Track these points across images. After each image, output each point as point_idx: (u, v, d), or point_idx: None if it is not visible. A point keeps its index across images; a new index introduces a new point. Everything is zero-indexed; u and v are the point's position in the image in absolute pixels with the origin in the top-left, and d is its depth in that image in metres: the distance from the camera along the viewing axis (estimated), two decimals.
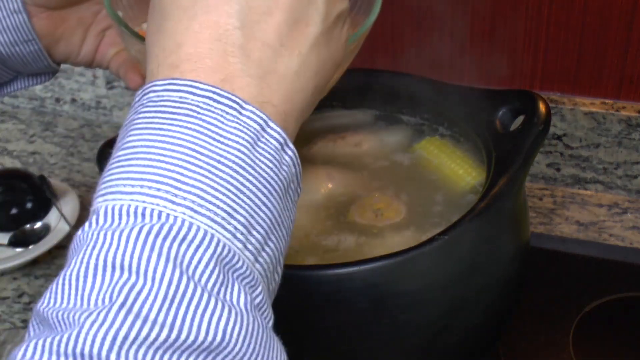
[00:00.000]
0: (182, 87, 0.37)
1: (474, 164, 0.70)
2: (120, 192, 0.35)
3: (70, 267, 0.34)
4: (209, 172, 0.35)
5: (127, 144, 0.37)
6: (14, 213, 0.94)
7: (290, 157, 0.39)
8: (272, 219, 0.37)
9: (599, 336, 0.74)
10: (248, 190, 0.36)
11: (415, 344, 0.60)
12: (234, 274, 0.35)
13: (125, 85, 1.14)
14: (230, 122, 0.36)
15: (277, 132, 0.38)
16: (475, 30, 0.91)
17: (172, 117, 0.36)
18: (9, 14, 0.56)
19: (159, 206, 0.34)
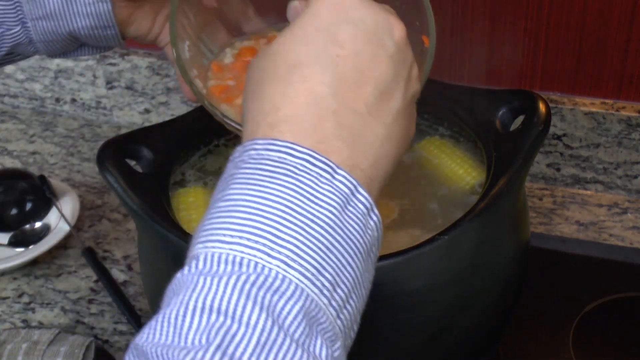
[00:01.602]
0: (281, 147, 0.40)
1: (474, 164, 0.70)
2: (220, 240, 0.38)
3: (170, 307, 0.36)
4: (302, 229, 0.38)
5: (228, 196, 0.39)
6: (14, 213, 0.94)
7: (375, 222, 0.41)
8: (355, 279, 0.40)
9: (599, 336, 0.74)
10: (336, 249, 0.39)
11: (415, 344, 0.60)
12: (317, 327, 0.37)
13: (125, 85, 1.14)
14: (324, 184, 0.39)
15: (365, 198, 0.41)
16: (475, 30, 0.91)
17: (271, 175, 0.39)
18: (94, 1, 0.60)
19: (256, 257, 0.37)
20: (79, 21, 0.61)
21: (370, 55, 0.43)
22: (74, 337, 0.75)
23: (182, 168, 0.73)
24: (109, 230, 0.95)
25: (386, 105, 0.44)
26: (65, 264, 0.90)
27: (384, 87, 0.44)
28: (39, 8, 0.60)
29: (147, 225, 0.62)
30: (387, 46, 0.44)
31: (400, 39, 0.45)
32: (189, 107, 1.10)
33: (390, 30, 0.45)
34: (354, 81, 0.43)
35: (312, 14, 0.44)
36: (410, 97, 0.46)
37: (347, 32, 0.43)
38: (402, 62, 0.45)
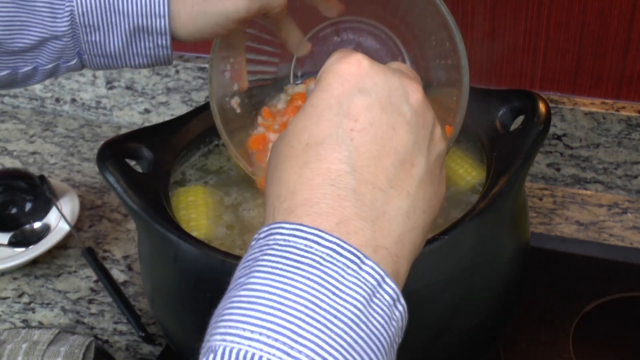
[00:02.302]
0: (308, 235, 0.38)
1: (474, 163, 0.70)
2: (239, 335, 0.36)
3: None
4: (325, 326, 0.36)
5: (250, 285, 0.38)
6: (14, 213, 0.94)
7: (400, 312, 0.40)
8: None
9: (599, 336, 0.74)
10: (359, 346, 0.37)
11: (415, 343, 0.60)
12: None
13: (125, 85, 1.14)
14: (351, 276, 0.38)
15: (392, 288, 0.39)
16: (475, 30, 0.91)
17: (296, 266, 0.37)
18: (155, 46, 0.61)
19: (275, 357, 0.35)
20: (136, 60, 0.62)
21: (387, 125, 0.42)
22: (74, 337, 0.75)
23: (183, 167, 0.73)
24: (109, 230, 0.95)
25: (408, 174, 0.42)
26: (65, 264, 0.90)
27: (405, 155, 0.42)
28: (99, 49, 0.61)
29: (147, 225, 0.62)
30: (403, 112, 0.42)
31: (417, 101, 0.43)
32: (189, 107, 1.10)
33: (405, 95, 0.43)
34: (372, 154, 0.41)
35: (322, 89, 0.43)
36: (434, 159, 0.44)
37: (359, 104, 0.42)
38: (422, 126, 0.43)
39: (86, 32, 0.60)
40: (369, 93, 0.42)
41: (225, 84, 0.68)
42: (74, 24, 0.59)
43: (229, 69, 0.67)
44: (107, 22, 0.59)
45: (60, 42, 0.60)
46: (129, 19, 0.59)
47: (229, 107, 0.68)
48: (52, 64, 0.61)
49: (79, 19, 0.59)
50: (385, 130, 0.41)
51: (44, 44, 0.60)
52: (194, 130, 0.74)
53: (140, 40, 0.60)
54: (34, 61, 0.61)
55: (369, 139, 0.41)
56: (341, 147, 0.41)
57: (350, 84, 0.42)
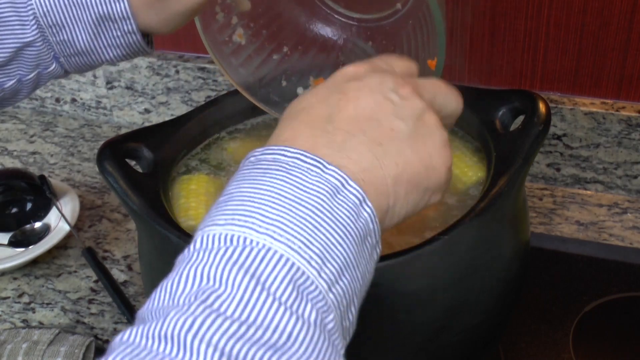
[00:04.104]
0: (275, 150, 0.45)
1: (469, 162, 0.70)
2: (215, 224, 0.42)
3: (168, 278, 0.40)
4: (290, 210, 0.42)
5: (225, 193, 0.44)
6: (14, 213, 0.94)
7: (369, 214, 0.44)
8: (347, 258, 0.42)
9: (599, 336, 0.74)
10: (324, 228, 0.42)
11: (415, 343, 0.60)
12: (308, 295, 0.40)
13: (125, 85, 1.14)
14: (314, 176, 0.43)
15: (356, 190, 0.44)
16: (475, 30, 0.91)
17: (264, 172, 0.44)
18: (123, 34, 0.62)
19: (245, 233, 0.41)
20: (110, 53, 0.63)
21: (372, 101, 0.48)
22: (74, 337, 0.75)
23: (185, 160, 0.73)
24: (109, 230, 0.95)
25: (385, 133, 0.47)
26: (65, 264, 0.90)
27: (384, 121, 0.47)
28: (69, 47, 0.62)
29: (147, 225, 0.62)
30: (390, 97, 0.48)
31: (405, 92, 0.49)
32: (189, 107, 1.10)
33: (394, 88, 0.49)
34: (351, 115, 0.47)
35: (328, 80, 0.50)
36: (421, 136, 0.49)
37: (351, 85, 0.49)
38: (409, 107, 0.49)
39: (53, 33, 0.61)
40: (361, 79, 0.49)
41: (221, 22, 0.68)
42: (40, 27, 0.60)
43: (219, 10, 0.68)
44: (70, 17, 0.60)
45: (34, 49, 0.61)
46: (89, 9, 0.60)
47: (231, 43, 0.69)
48: (33, 72, 0.63)
49: (43, 20, 0.60)
50: (369, 103, 0.48)
51: (20, 54, 0.61)
52: (194, 130, 0.74)
53: (106, 30, 0.61)
54: (16, 73, 0.62)
55: (353, 106, 0.48)
56: (326, 108, 0.48)
57: (348, 76, 0.50)
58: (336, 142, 0.46)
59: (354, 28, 0.74)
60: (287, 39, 0.73)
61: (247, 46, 0.71)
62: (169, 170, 0.70)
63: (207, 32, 0.68)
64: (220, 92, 1.07)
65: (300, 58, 0.74)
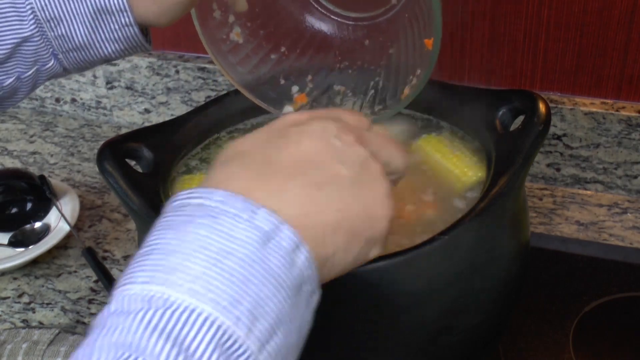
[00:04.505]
0: (202, 194, 0.41)
1: (469, 162, 0.70)
2: (133, 282, 0.38)
3: (81, 348, 0.37)
4: (215, 264, 0.38)
5: (146, 244, 0.40)
6: (14, 213, 0.94)
7: (303, 261, 0.41)
8: (280, 313, 0.39)
9: (599, 336, 0.74)
10: (255, 280, 0.38)
11: (415, 343, 0.60)
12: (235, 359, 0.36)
13: (125, 85, 1.14)
14: (242, 223, 0.39)
15: (289, 235, 0.40)
16: (475, 30, 0.91)
17: (188, 220, 0.40)
18: (120, 27, 0.61)
19: (165, 294, 0.37)
20: (108, 47, 0.63)
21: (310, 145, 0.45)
22: (74, 337, 0.75)
23: (185, 160, 0.73)
24: (109, 230, 0.95)
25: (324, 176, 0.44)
26: (65, 264, 0.90)
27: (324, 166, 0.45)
28: (67, 42, 0.62)
29: (147, 225, 0.61)
30: (331, 142, 0.46)
31: (348, 139, 0.47)
32: (189, 107, 1.10)
33: (338, 135, 0.47)
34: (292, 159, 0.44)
35: (267, 125, 0.48)
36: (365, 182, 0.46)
37: (293, 130, 0.46)
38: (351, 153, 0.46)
39: (51, 27, 0.60)
40: (303, 126, 0.47)
41: (218, 20, 0.68)
42: (38, 21, 0.60)
43: (215, 7, 0.68)
44: (67, 10, 0.60)
45: (32, 44, 0.61)
46: (86, 2, 0.60)
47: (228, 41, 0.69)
48: (31, 69, 0.62)
49: (41, 14, 0.60)
50: (311, 147, 0.45)
51: (18, 50, 0.61)
52: (194, 130, 0.74)
53: (104, 23, 0.61)
54: (15, 71, 0.62)
55: (294, 149, 0.45)
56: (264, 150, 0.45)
57: (289, 122, 0.48)
58: (272, 185, 0.43)
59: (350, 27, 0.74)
60: (284, 39, 0.73)
61: (244, 45, 0.71)
62: (169, 170, 0.70)
63: (205, 29, 0.68)
64: (220, 92, 1.07)
65: (298, 58, 0.74)
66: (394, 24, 0.70)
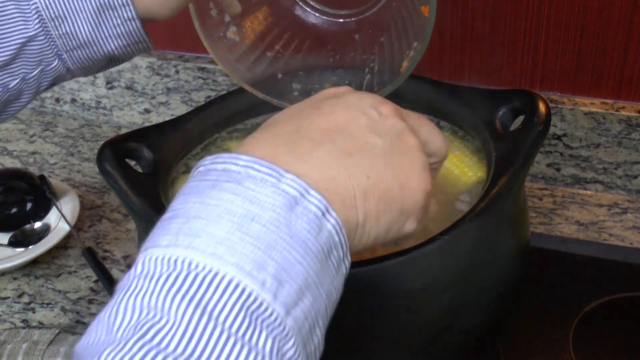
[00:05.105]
0: (226, 159, 0.41)
1: (469, 162, 0.70)
2: (158, 245, 0.38)
3: (105, 309, 0.37)
4: (239, 228, 0.38)
5: (171, 209, 0.40)
6: (14, 213, 0.94)
7: (333, 226, 0.40)
8: (308, 278, 0.38)
9: (599, 336, 0.73)
10: (280, 246, 0.38)
11: (415, 343, 0.60)
12: (262, 322, 0.36)
13: (125, 85, 1.14)
14: (268, 187, 0.39)
15: (318, 200, 0.40)
16: (475, 30, 0.91)
17: (213, 184, 0.40)
18: (123, 21, 0.61)
19: (190, 256, 0.36)
20: (111, 43, 0.63)
21: (347, 115, 0.45)
22: (74, 337, 0.75)
23: (185, 160, 0.73)
24: (109, 230, 0.95)
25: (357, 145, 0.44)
26: (65, 264, 0.90)
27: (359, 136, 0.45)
28: (71, 40, 0.61)
29: (147, 225, 0.62)
30: (368, 113, 0.46)
31: (386, 110, 0.47)
32: (189, 107, 1.10)
33: (374, 105, 0.47)
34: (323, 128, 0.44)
35: (306, 99, 0.49)
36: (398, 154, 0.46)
37: (327, 102, 0.47)
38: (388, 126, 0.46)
39: (55, 26, 0.60)
40: (339, 97, 0.47)
41: (216, 20, 0.68)
42: (43, 20, 0.60)
43: (212, 6, 0.68)
44: (71, 8, 0.60)
45: (36, 44, 0.61)
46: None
47: (225, 39, 0.69)
48: (36, 69, 0.62)
49: (45, 12, 0.60)
50: (344, 116, 0.45)
51: (23, 51, 0.61)
52: (194, 130, 0.74)
53: (107, 19, 0.61)
54: (20, 72, 0.62)
55: (325, 118, 0.45)
56: (296, 120, 0.45)
57: (327, 95, 0.48)
58: (299, 150, 0.43)
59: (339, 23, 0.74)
60: (278, 38, 0.73)
61: (241, 43, 0.71)
62: (169, 170, 0.70)
63: (204, 27, 0.68)
64: (220, 92, 1.07)
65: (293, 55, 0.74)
66: (383, 15, 0.70)
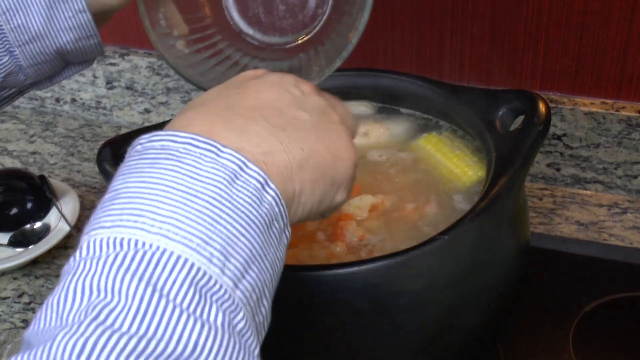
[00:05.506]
0: (164, 137, 0.41)
1: (469, 162, 0.70)
2: (101, 227, 0.38)
3: (53, 294, 0.36)
4: (183, 204, 0.38)
5: (111, 190, 0.40)
6: (14, 213, 0.94)
7: (273, 197, 0.41)
8: (252, 250, 0.39)
9: (599, 336, 0.74)
10: (224, 220, 0.38)
11: (415, 343, 0.60)
12: (212, 297, 0.36)
13: (125, 85, 1.14)
14: (208, 162, 0.40)
15: (257, 172, 0.41)
16: (475, 30, 0.91)
17: (152, 162, 0.40)
18: (74, 14, 0.61)
19: (135, 235, 0.37)
20: (63, 36, 0.62)
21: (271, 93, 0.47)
22: None
23: None
24: None
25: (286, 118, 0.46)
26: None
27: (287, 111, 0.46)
28: (24, 33, 0.61)
29: None
30: (290, 91, 0.48)
31: (307, 88, 0.49)
32: None
33: (295, 84, 0.49)
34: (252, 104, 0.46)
35: (227, 81, 0.50)
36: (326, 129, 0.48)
37: (252, 82, 0.48)
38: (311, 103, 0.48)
39: (8, 19, 0.60)
40: (261, 77, 0.49)
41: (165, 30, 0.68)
42: None
43: (162, 17, 0.68)
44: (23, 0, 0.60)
45: None
46: None
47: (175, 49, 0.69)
48: None
49: None
50: (270, 95, 0.47)
51: None
52: None
53: (59, 11, 0.61)
54: None
55: (253, 96, 0.46)
56: (225, 99, 0.46)
57: (248, 76, 0.50)
58: (235, 126, 0.43)
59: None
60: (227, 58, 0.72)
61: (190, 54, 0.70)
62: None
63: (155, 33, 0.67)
64: None
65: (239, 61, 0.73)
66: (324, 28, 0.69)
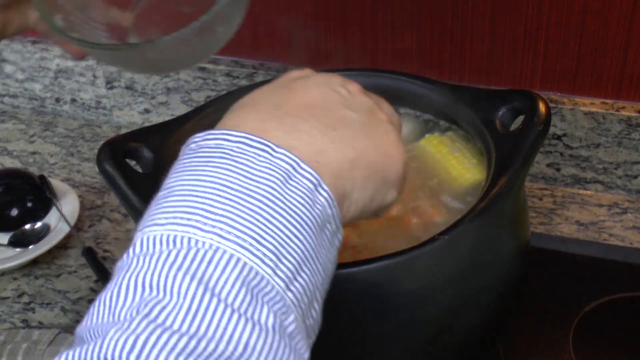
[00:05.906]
0: (218, 135, 0.42)
1: (469, 163, 0.70)
2: (155, 224, 0.38)
3: (106, 290, 0.37)
4: (237, 203, 0.38)
5: (165, 187, 0.41)
6: (14, 213, 0.94)
7: (325, 199, 0.41)
8: (305, 252, 0.39)
9: (599, 336, 0.74)
10: (277, 221, 0.38)
11: (415, 343, 0.60)
12: (263, 297, 0.36)
13: (125, 85, 1.14)
14: (262, 162, 0.40)
15: (309, 173, 0.41)
16: (475, 30, 0.91)
17: (206, 160, 0.40)
18: None
19: (189, 233, 0.37)
20: None
21: (318, 92, 0.47)
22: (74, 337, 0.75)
23: None
24: (109, 230, 0.95)
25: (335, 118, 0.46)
26: (65, 264, 0.90)
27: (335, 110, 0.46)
28: None
29: None
30: (337, 90, 0.48)
31: (353, 88, 0.49)
32: (189, 107, 1.10)
33: (342, 84, 0.49)
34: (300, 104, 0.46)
35: (273, 81, 0.50)
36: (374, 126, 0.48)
37: (298, 82, 0.48)
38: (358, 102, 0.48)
39: None
40: (307, 77, 0.49)
41: None
42: None
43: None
44: None
45: None
46: None
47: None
48: None
49: None
50: (317, 94, 0.47)
51: None
52: (194, 130, 0.73)
53: None
54: None
55: (300, 95, 0.46)
56: (273, 98, 0.46)
57: (294, 76, 0.49)
58: (286, 125, 0.43)
59: None
60: None
61: None
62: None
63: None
64: (220, 92, 1.07)
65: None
66: None
